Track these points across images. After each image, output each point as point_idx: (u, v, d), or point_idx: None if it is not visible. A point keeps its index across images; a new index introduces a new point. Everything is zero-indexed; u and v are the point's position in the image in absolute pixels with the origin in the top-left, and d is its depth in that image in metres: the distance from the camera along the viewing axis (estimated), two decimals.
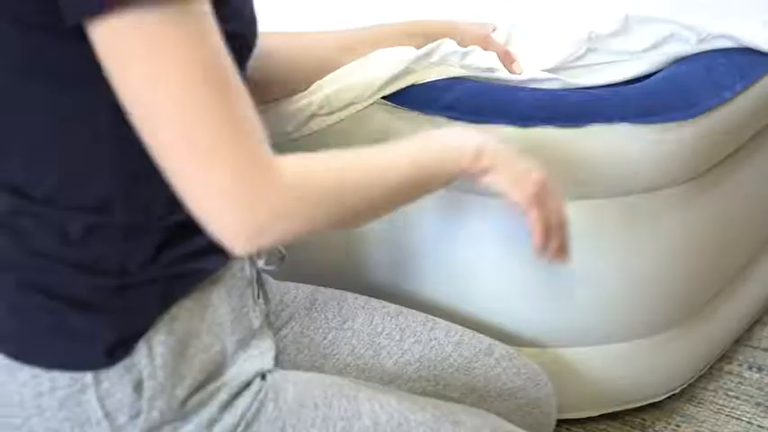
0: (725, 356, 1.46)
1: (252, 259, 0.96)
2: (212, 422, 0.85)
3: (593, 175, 1.12)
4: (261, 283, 0.99)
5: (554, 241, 0.98)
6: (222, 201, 0.74)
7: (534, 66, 1.22)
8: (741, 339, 1.51)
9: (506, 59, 1.22)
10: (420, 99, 1.15)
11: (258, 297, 0.98)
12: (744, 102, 1.22)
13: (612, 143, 1.10)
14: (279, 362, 1.04)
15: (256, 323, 0.95)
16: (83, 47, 0.73)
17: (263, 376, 0.91)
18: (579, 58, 1.24)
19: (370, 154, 0.86)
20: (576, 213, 1.14)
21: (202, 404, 0.85)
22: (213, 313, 0.87)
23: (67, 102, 0.78)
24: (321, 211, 0.79)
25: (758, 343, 1.51)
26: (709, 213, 1.26)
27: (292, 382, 0.91)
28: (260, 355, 0.93)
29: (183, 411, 0.83)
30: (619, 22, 1.25)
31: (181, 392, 0.83)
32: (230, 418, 0.85)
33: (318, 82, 1.17)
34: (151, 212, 0.81)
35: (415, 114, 1.15)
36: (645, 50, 1.25)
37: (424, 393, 1.05)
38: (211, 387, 0.86)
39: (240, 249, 0.77)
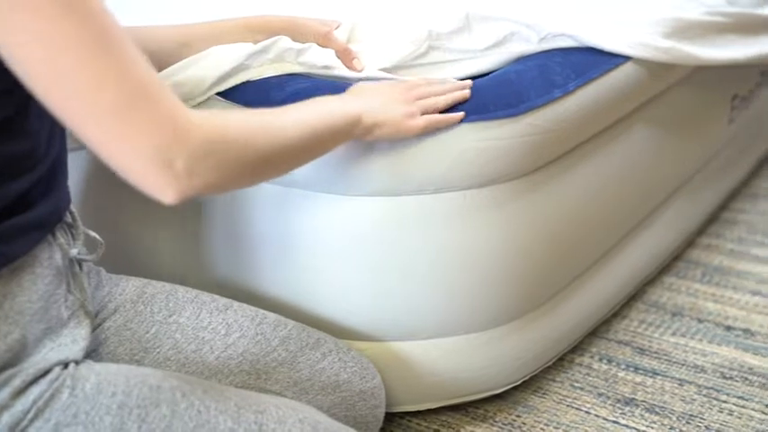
0: (578, 348, 1.49)
1: (63, 249, 0.97)
2: (1, 408, 0.85)
3: (419, 172, 1.13)
4: (75, 273, 1.00)
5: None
6: (140, 158, 0.80)
7: (375, 64, 1.23)
8: (597, 331, 1.54)
9: (345, 57, 1.23)
10: (254, 95, 1.16)
11: (72, 287, 0.98)
12: (578, 100, 1.24)
13: (432, 140, 1.12)
14: (98, 353, 1.06)
15: (66, 313, 0.96)
16: None
17: (66, 365, 0.92)
18: (421, 56, 1.26)
19: (272, 115, 0.97)
20: (407, 208, 1.17)
21: None
22: (12, 301, 0.88)
23: None
24: (235, 160, 0.87)
25: (614, 335, 1.54)
26: (549, 208, 1.28)
27: (96, 372, 0.92)
28: (70, 345, 0.94)
29: None
30: (460, 20, 1.27)
31: None
32: (21, 405, 0.86)
33: None
34: None
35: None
36: (487, 48, 1.28)
37: (244, 387, 1.07)
38: (5, 375, 0.86)
39: (169, 200, 0.82)
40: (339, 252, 1.19)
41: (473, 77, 1.24)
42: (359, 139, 1.07)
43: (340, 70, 1.20)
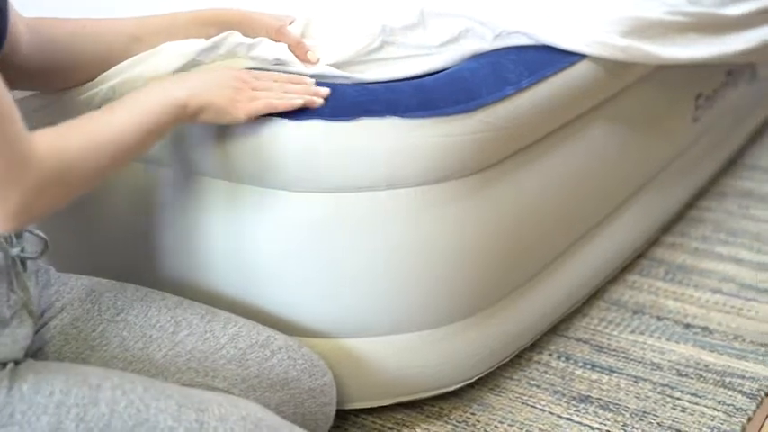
0: (536, 345, 1.49)
1: (4, 249, 0.96)
2: None
3: (367, 168, 1.13)
4: (18, 273, 0.99)
5: (296, 97, 1.10)
6: None
7: (328, 59, 1.23)
8: (556, 329, 1.54)
9: (299, 50, 1.22)
10: None
11: (15, 286, 0.97)
12: (532, 97, 1.24)
13: (383, 136, 1.11)
14: (44, 352, 1.05)
15: (9, 313, 0.95)
16: None
17: (5, 365, 0.91)
18: (374, 51, 1.25)
19: (106, 124, 0.96)
20: (360, 205, 1.17)
21: None
22: None
23: None
24: (75, 178, 0.89)
25: (573, 333, 1.54)
26: (504, 205, 1.27)
27: (35, 372, 0.91)
28: (10, 344, 0.94)
29: None
30: (414, 16, 1.27)
31: None
32: None
33: (105, 73, 1.17)
34: None
35: None
36: (441, 45, 1.27)
37: (191, 384, 1.06)
38: None
39: (6, 230, 0.83)
40: (290, 249, 1.18)
41: (427, 75, 1.24)
42: (186, 123, 1.07)
43: (293, 65, 1.20)
